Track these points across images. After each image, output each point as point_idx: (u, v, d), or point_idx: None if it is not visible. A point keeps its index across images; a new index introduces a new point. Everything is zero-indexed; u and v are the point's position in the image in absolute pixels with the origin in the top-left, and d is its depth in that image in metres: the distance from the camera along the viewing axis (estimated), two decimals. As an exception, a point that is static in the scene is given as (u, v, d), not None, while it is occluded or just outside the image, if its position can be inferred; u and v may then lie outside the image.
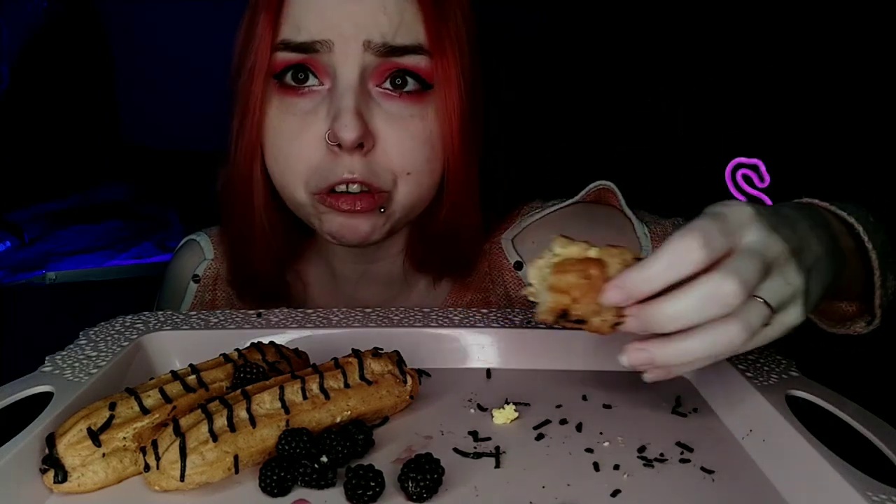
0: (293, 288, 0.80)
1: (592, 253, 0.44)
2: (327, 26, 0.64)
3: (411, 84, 0.66)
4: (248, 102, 0.67)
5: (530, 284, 0.46)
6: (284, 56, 0.65)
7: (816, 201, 0.56)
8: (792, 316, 0.44)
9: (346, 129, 0.62)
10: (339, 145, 0.64)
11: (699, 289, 0.41)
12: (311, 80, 0.66)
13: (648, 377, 0.44)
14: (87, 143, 2.23)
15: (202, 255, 0.87)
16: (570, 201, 0.80)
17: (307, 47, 0.64)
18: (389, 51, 0.64)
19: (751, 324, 0.41)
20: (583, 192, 0.80)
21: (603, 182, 0.79)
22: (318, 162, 0.66)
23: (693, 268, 0.41)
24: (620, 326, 0.44)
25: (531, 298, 0.47)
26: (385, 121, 0.65)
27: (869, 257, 0.55)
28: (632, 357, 0.43)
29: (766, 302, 0.42)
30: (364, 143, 0.64)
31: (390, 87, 0.65)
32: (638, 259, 0.44)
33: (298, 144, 0.66)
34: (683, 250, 0.41)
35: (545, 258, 0.45)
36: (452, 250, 0.76)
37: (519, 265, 0.78)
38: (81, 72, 2.17)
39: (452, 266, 0.78)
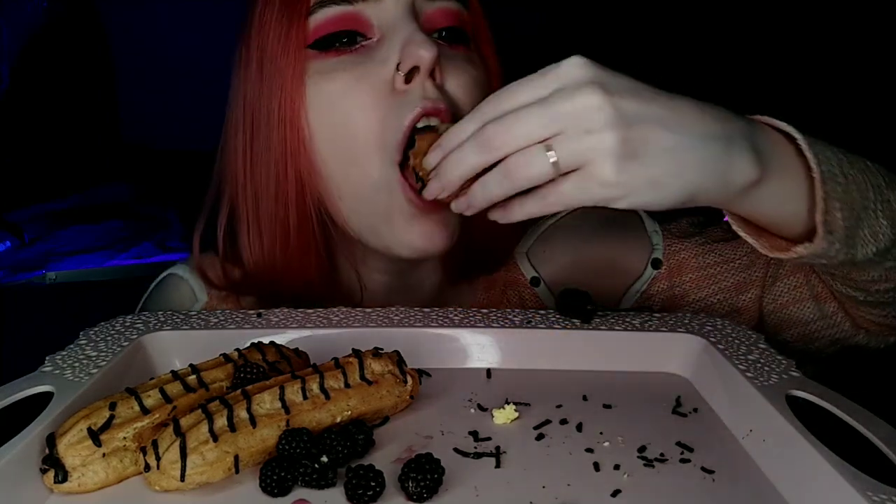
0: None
1: None
2: None
3: (454, 37, 0.64)
4: (283, 81, 0.60)
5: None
6: (324, 13, 0.60)
7: (758, 116, 0.54)
8: (601, 170, 0.45)
9: (423, 45, 0.56)
10: (409, 78, 0.58)
11: (470, 135, 0.49)
12: (356, 39, 0.61)
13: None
14: (88, 143, 2.23)
15: (193, 296, 0.76)
16: None
17: None
18: None
19: (521, 169, 0.46)
20: None
21: None
22: (388, 105, 0.59)
23: (483, 119, 0.48)
24: (426, 190, 0.54)
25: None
26: (445, 59, 0.61)
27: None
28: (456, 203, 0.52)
29: (552, 152, 0.45)
30: (436, 71, 0.59)
31: (438, 38, 0.63)
32: None
33: (358, 97, 0.59)
34: (490, 103, 0.48)
35: None
36: (488, 244, 0.72)
37: (536, 280, 0.75)
38: (81, 72, 2.17)
39: (485, 263, 0.75)
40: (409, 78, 0.58)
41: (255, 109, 0.64)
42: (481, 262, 0.75)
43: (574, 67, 0.46)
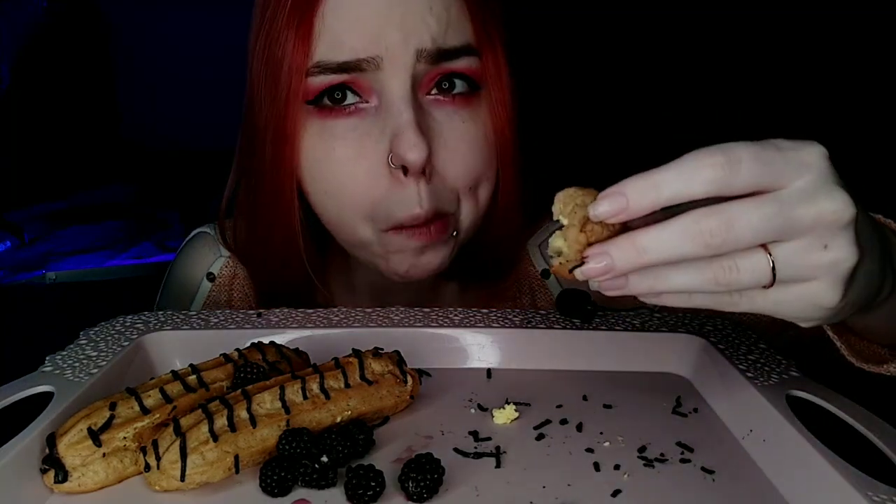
0: (319, 299, 0.74)
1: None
2: (373, 40, 0.57)
3: (460, 86, 0.61)
4: (282, 130, 0.60)
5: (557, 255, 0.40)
6: (321, 80, 0.59)
7: (879, 217, 0.46)
8: (823, 293, 0.36)
9: (413, 148, 0.57)
10: (404, 169, 0.58)
11: (681, 219, 0.35)
12: (352, 98, 0.60)
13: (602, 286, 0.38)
14: (87, 142, 2.23)
15: (217, 251, 0.79)
16: None
17: (351, 67, 0.58)
18: (442, 55, 0.59)
19: (732, 273, 0.35)
20: None
21: None
22: (383, 193, 0.60)
23: (703, 185, 0.34)
24: (580, 269, 0.37)
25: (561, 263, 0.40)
26: (439, 134, 0.60)
27: None
28: (590, 267, 0.37)
29: (771, 259, 0.35)
30: (427, 165, 0.58)
31: (438, 93, 0.61)
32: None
33: (355, 174, 0.60)
34: (699, 161, 0.34)
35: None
36: (492, 258, 0.72)
37: (546, 273, 0.77)
38: (81, 71, 2.17)
39: (489, 274, 0.75)
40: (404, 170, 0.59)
41: (256, 120, 0.64)
42: (486, 274, 0.75)
43: (819, 159, 0.36)
